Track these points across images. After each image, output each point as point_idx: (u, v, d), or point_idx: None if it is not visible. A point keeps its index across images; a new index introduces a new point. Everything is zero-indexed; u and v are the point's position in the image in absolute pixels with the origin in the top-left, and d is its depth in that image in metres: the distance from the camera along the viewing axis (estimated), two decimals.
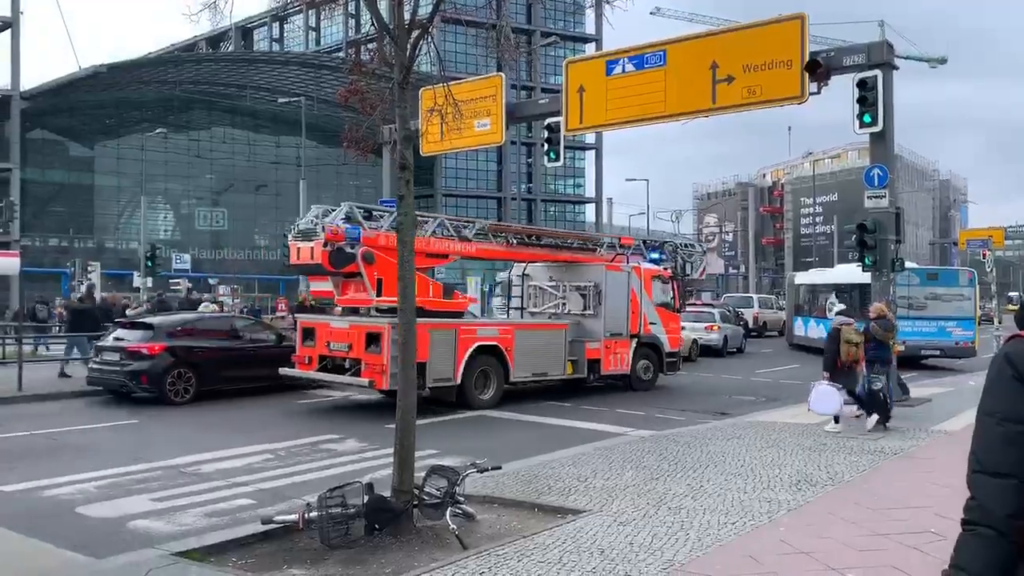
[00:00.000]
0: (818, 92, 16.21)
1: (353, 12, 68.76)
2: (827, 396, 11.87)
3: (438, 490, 6.87)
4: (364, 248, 13.58)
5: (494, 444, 11.25)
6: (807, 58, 15.81)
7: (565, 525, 6.76)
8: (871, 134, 15.52)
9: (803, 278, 35.26)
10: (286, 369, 15.15)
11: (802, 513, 7.15)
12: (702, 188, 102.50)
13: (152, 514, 7.62)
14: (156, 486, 8.69)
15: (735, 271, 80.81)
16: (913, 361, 22.85)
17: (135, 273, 37.85)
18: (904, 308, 21.22)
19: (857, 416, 12.32)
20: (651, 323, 17.95)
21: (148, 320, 16.51)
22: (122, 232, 62.78)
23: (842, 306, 14.27)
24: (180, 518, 7.52)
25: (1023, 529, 1.71)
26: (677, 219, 73.56)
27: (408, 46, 6.63)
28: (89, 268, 38.90)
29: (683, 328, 26.28)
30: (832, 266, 40.30)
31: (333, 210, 14.30)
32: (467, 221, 16.37)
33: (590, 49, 71.38)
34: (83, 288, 27.53)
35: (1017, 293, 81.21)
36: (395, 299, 13.47)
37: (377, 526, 6.48)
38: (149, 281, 32.89)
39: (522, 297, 18.29)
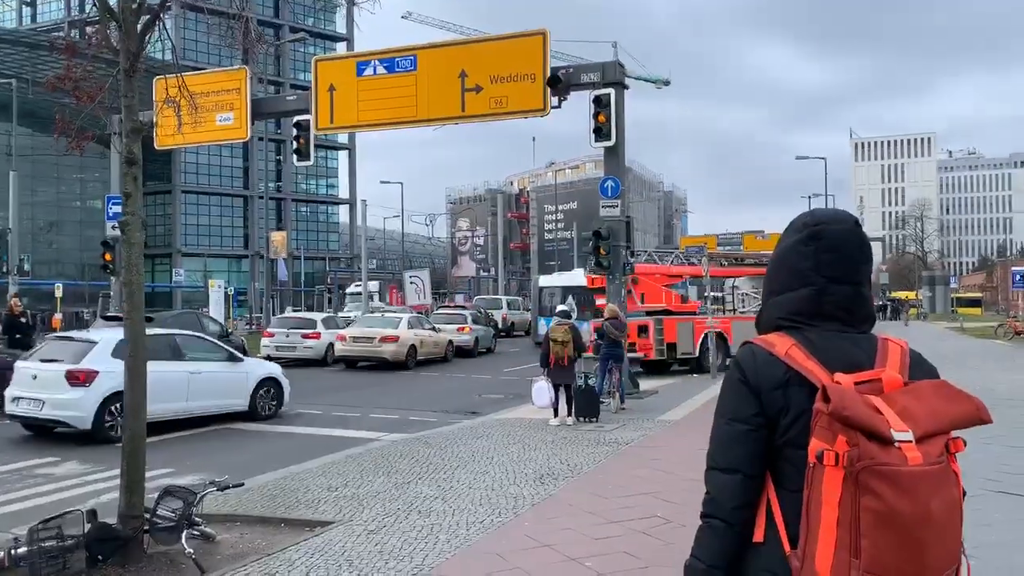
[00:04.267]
0: (559, 106, 17.18)
1: None
2: (542, 391, 12.59)
3: (172, 512, 6.39)
4: (634, 274, 19.15)
5: (239, 458, 10.70)
6: (549, 73, 16.69)
7: (313, 538, 6.56)
8: (605, 147, 16.69)
9: (546, 281, 37.18)
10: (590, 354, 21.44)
11: (545, 507, 7.50)
12: (455, 192, 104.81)
13: None
14: None
15: (486, 274, 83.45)
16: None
17: None
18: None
19: (571, 415, 12.93)
20: None
21: None
22: None
23: (563, 307, 15.26)
24: None
25: (749, 520, 1.86)
26: (431, 223, 74.61)
27: (137, 32, 6.09)
28: None
29: (437, 330, 26.96)
30: (572, 270, 42.84)
31: None
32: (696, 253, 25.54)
33: (341, 48, 70.35)
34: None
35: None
36: (655, 305, 21.82)
37: (101, 556, 5.88)
38: None
39: (733, 301, 26.06)
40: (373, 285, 39.01)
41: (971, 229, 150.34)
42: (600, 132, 16.19)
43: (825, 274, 1.94)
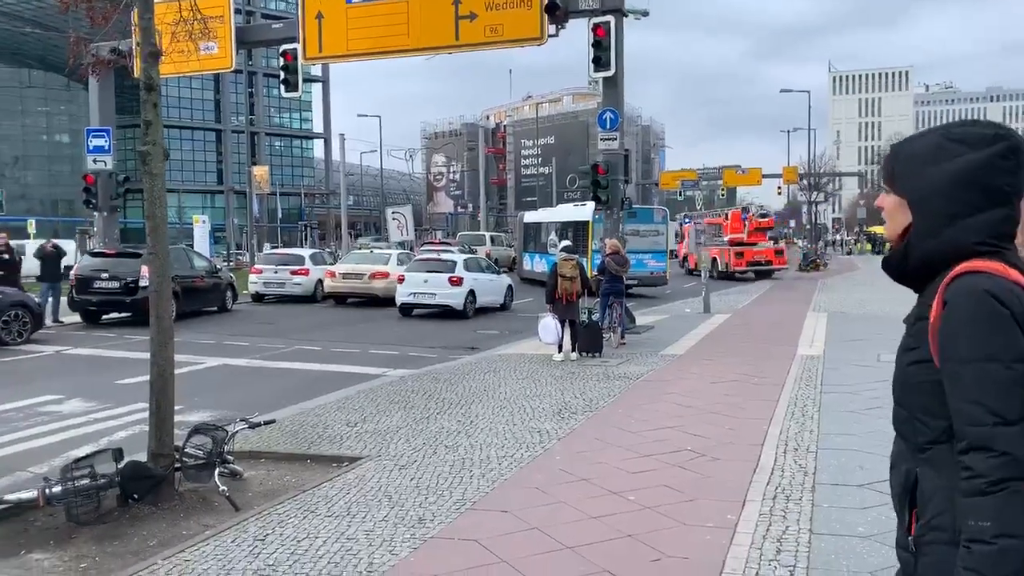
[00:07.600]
0: (556, 35, 16.71)
1: None
2: (548, 328, 12.52)
3: (200, 449, 6.28)
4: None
5: (246, 395, 10.57)
6: None
7: (345, 474, 6.49)
8: (604, 78, 16.30)
9: (531, 217, 36.91)
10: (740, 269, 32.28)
11: (571, 441, 7.47)
12: (430, 127, 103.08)
13: None
14: None
15: (463, 210, 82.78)
16: None
17: None
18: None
19: (575, 351, 12.88)
20: None
21: None
22: None
23: (567, 242, 15.07)
24: None
25: None
26: (411, 158, 73.45)
27: None
28: None
29: None
30: (552, 205, 42.59)
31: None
32: None
33: None
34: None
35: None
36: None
37: (136, 496, 5.78)
38: None
39: None
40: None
41: None
42: (599, 61, 15.78)
43: None
